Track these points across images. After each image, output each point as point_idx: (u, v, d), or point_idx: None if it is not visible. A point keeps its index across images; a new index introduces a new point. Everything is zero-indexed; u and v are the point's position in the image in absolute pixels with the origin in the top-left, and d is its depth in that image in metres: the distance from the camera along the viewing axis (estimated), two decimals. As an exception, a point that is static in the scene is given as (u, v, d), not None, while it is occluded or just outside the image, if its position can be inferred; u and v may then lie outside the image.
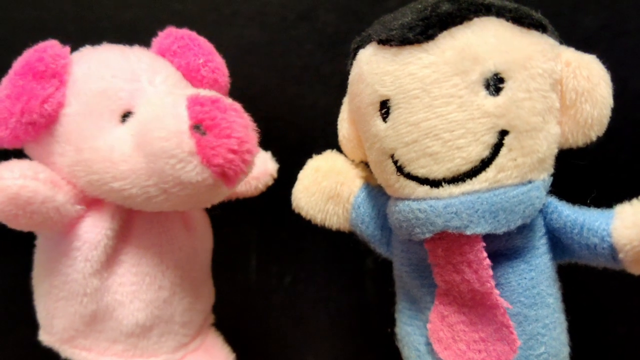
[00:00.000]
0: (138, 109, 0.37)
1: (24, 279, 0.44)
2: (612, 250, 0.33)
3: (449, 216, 0.32)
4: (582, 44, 0.37)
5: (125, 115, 0.38)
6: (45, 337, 0.42)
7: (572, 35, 0.45)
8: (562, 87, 0.34)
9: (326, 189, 0.41)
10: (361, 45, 0.37)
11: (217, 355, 0.46)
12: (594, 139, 0.35)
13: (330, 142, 0.44)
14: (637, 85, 0.46)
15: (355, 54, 0.38)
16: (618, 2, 0.45)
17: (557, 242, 0.36)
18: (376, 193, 0.40)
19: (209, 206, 0.41)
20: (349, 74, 0.39)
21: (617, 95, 0.45)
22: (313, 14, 0.50)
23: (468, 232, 0.32)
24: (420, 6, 0.35)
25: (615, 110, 0.45)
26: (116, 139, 0.37)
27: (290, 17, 0.51)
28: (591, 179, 0.46)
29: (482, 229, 0.32)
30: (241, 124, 0.35)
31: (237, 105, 0.37)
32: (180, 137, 0.34)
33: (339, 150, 0.43)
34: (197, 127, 0.34)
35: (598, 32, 0.45)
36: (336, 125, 0.43)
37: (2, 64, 0.39)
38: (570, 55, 0.35)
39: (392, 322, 0.42)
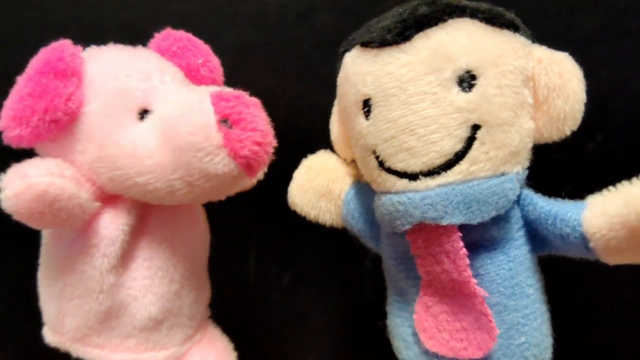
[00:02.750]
0: (156, 106, 0.39)
1: (24, 279, 0.44)
2: (584, 240, 0.33)
3: (426, 208, 0.34)
4: (581, 44, 0.37)
5: (142, 113, 0.39)
6: (54, 337, 0.42)
7: (571, 36, 0.46)
8: (535, 83, 0.35)
9: (319, 186, 0.43)
10: (347, 48, 0.38)
11: (218, 345, 0.47)
12: (568, 133, 0.36)
13: (329, 142, 0.44)
14: (637, 85, 0.45)
15: (342, 57, 0.39)
16: (617, 2, 0.45)
17: (535, 233, 0.37)
18: (365, 190, 0.41)
19: (224, 198, 0.42)
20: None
21: (617, 95, 0.45)
22: (312, 15, 0.51)
23: (444, 223, 0.33)
24: (401, 10, 0.36)
25: (615, 110, 0.46)
26: (137, 135, 0.38)
27: (289, 17, 0.51)
28: (591, 178, 0.46)
29: (456, 219, 0.33)
30: (263, 118, 0.37)
31: (257, 101, 0.38)
32: (208, 131, 0.35)
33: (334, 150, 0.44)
34: (224, 121, 0.36)
35: (597, 32, 0.45)
36: (335, 125, 0.43)
37: (2, 64, 0.39)
38: (542, 52, 0.36)
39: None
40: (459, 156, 0.34)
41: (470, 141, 0.34)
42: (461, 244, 0.34)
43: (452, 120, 0.34)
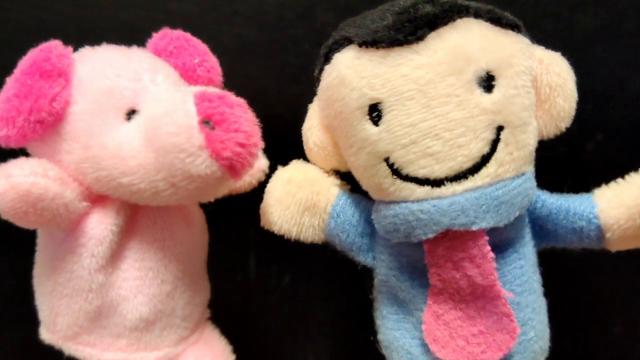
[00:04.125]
0: (143, 107, 0.38)
1: (23, 278, 0.45)
2: (599, 231, 0.35)
3: (455, 214, 0.33)
4: (581, 44, 0.37)
5: (130, 113, 0.39)
6: (48, 335, 0.42)
7: (571, 36, 0.46)
8: (537, 83, 0.36)
9: (302, 200, 0.40)
10: (336, 49, 0.37)
11: (216, 347, 0.47)
12: (563, 130, 0.37)
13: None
14: (636, 85, 0.45)
15: (326, 59, 0.37)
16: (617, 2, 0.45)
17: (540, 229, 0.38)
18: (353, 200, 0.40)
19: (212, 199, 0.41)
20: (317, 80, 0.39)
21: (617, 95, 0.45)
22: (311, 14, 0.51)
23: (474, 228, 0.33)
24: (396, 8, 0.35)
25: (615, 110, 0.45)
26: (123, 136, 0.38)
27: (288, 16, 0.51)
28: (591, 179, 0.46)
29: (486, 223, 0.33)
30: (247, 119, 0.37)
31: (242, 101, 0.38)
32: (190, 132, 0.35)
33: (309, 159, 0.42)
34: (206, 122, 0.35)
35: (597, 32, 0.45)
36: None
37: (3, 64, 0.39)
38: (541, 52, 0.36)
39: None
40: (485, 159, 0.33)
41: (495, 143, 0.34)
42: (488, 247, 0.34)
43: (479, 123, 0.33)
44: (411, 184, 0.34)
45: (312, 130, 0.40)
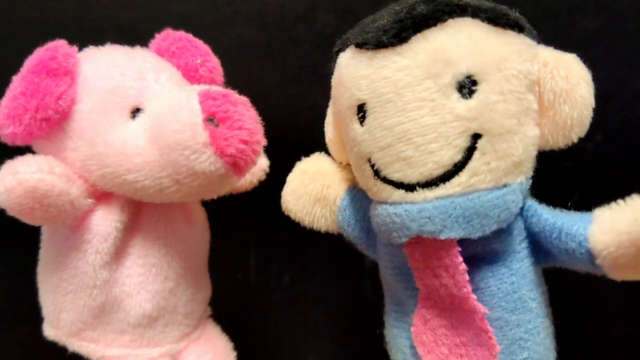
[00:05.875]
0: (147, 105, 0.39)
1: (26, 276, 0.45)
2: (590, 256, 0.32)
3: (423, 221, 0.32)
4: (580, 45, 0.37)
5: (135, 112, 0.39)
6: (52, 331, 0.42)
7: (571, 37, 0.46)
8: (540, 88, 0.34)
9: (313, 191, 0.41)
10: (342, 48, 0.37)
11: (217, 344, 0.47)
12: (575, 140, 0.34)
13: (328, 142, 0.44)
14: (636, 85, 0.45)
15: (337, 57, 0.37)
16: (617, 3, 0.45)
17: (539, 246, 0.35)
18: (362, 196, 0.40)
19: (215, 197, 0.42)
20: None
21: (616, 95, 0.45)
22: (312, 15, 0.51)
23: (442, 237, 0.32)
24: (397, 8, 0.34)
25: (615, 111, 0.46)
26: (128, 134, 0.38)
27: (289, 17, 0.51)
28: (591, 179, 0.46)
29: (455, 233, 0.32)
30: (250, 117, 0.37)
31: (245, 99, 0.38)
32: (195, 129, 0.36)
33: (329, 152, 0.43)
34: (211, 120, 0.36)
35: (597, 33, 0.45)
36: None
37: (3, 64, 0.40)
38: (548, 55, 0.34)
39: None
40: (458, 167, 0.32)
41: (470, 151, 0.32)
42: (460, 259, 0.33)
43: (452, 129, 0.32)
44: (389, 187, 0.34)
45: (328, 125, 0.41)
